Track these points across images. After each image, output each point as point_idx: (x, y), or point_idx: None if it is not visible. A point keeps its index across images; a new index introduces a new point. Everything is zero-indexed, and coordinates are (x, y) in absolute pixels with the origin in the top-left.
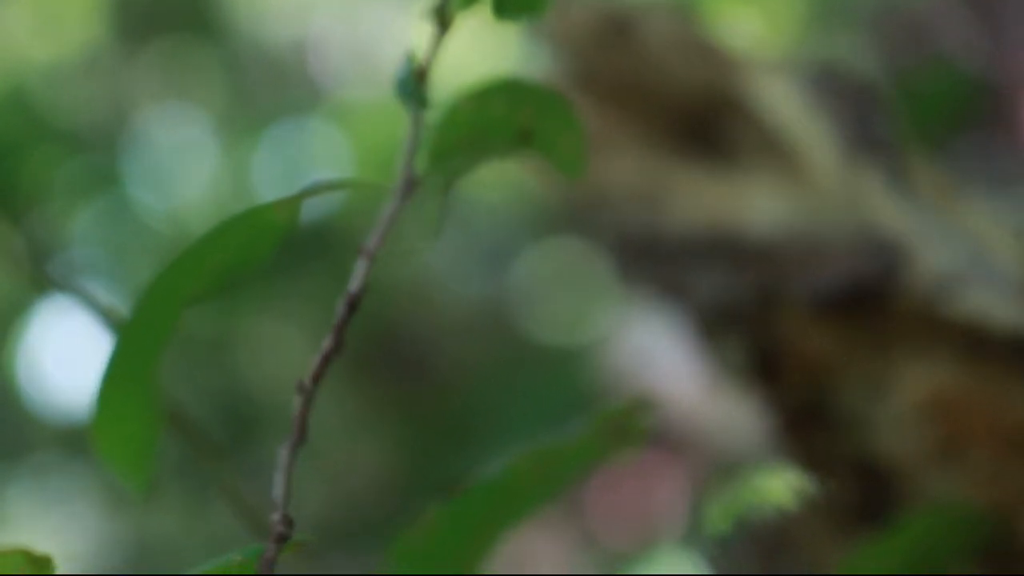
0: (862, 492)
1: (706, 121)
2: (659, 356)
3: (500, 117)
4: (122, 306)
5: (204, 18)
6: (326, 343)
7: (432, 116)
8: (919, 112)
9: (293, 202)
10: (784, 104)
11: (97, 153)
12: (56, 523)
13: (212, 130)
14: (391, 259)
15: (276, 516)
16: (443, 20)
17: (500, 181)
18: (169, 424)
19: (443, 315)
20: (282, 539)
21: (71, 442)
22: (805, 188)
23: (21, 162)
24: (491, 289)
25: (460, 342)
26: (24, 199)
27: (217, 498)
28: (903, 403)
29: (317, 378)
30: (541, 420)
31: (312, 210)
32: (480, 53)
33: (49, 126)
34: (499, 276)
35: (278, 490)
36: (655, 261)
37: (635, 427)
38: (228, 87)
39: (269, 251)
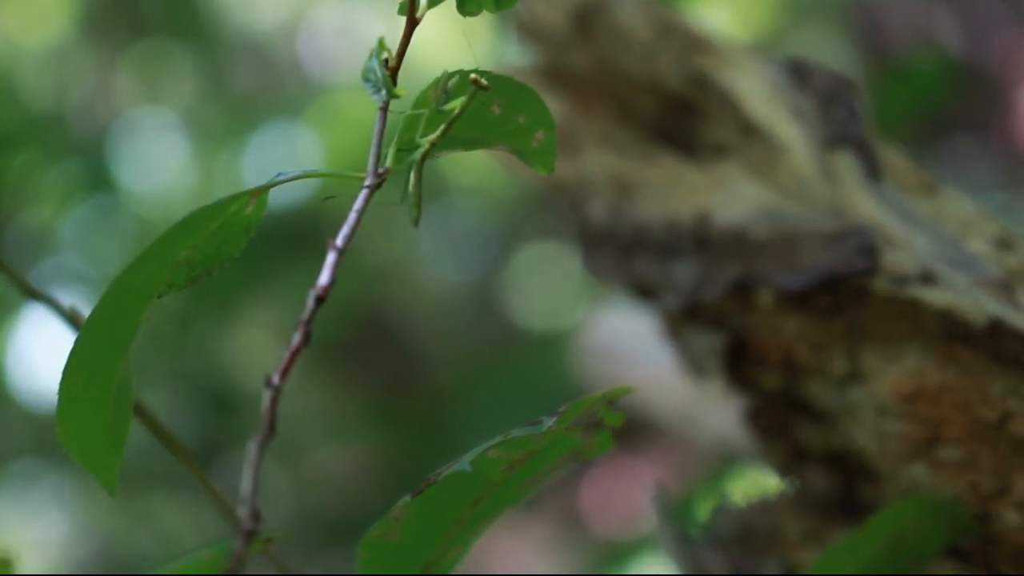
0: (837, 483)
1: (680, 110)
2: (637, 339)
3: (469, 110)
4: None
5: (190, 10)
6: (294, 338)
7: (402, 107)
8: (899, 102)
9: (260, 192)
10: (758, 95)
11: (85, 156)
12: (42, 521)
13: (200, 131)
14: (376, 245)
15: (244, 511)
16: (412, 14)
17: (484, 165)
18: (148, 420)
19: (428, 299)
20: (250, 535)
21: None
22: (779, 180)
23: (8, 163)
24: (476, 273)
25: (445, 325)
26: (11, 200)
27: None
28: (877, 394)
29: (285, 373)
30: (528, 405)
31: (299, 199)
32: (457, 46)
33: (36, 126)
34: (484, 260)
35: (246, 485)
36: (627, 252)
37: (607, 420)
38: (216, 83)
39: (240, 242)
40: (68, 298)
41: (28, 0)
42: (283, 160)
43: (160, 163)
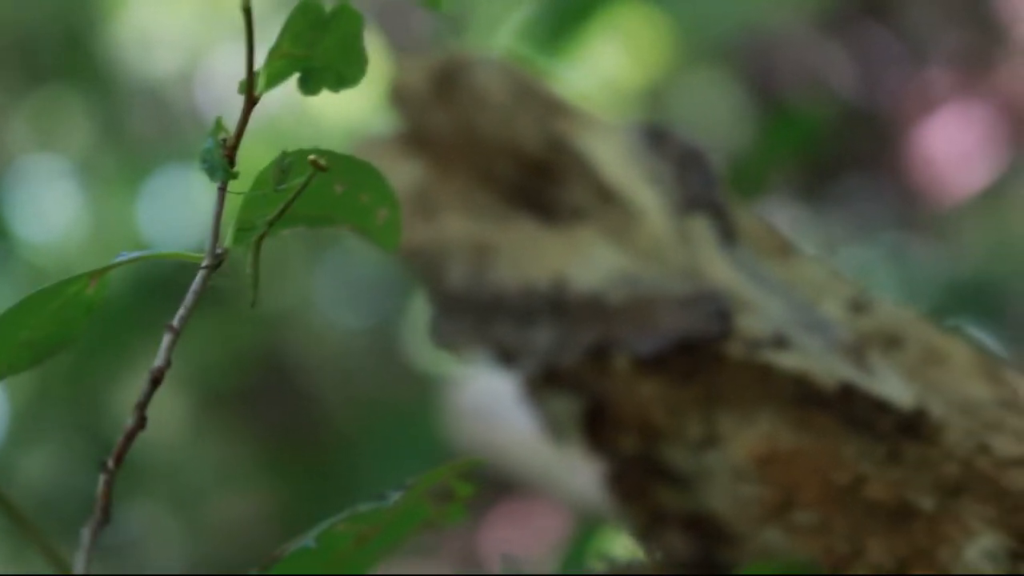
0: (697, 546)
1: (538, 174)
2: (509, 398)
3: (310, 189)
4: None
5: (86, 56)
6: (128, 421)
7: (242, 186)
8: (785, 145)
9: (100, 274)
10: (615, 160)
11: None
12: None
13: (94, 178)
14: (271, 291)
15: None
16: (251, 93)
17: None
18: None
19: (325, 345)
20: None
21: None
22: (636, 244)
23: None
24: (375, 319)
25: (343, 372)
26: None
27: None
28: (733, 458)
29: (120, 457)
30: (427, 451)
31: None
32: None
33: None
34: (383, 305)
35: (79, 569)
36: (485, 317)
37: (459, 491)
38: (112, 130)
39: (81, 322)
40: None
41: None
42: (179, 206)
43: (54, 210)
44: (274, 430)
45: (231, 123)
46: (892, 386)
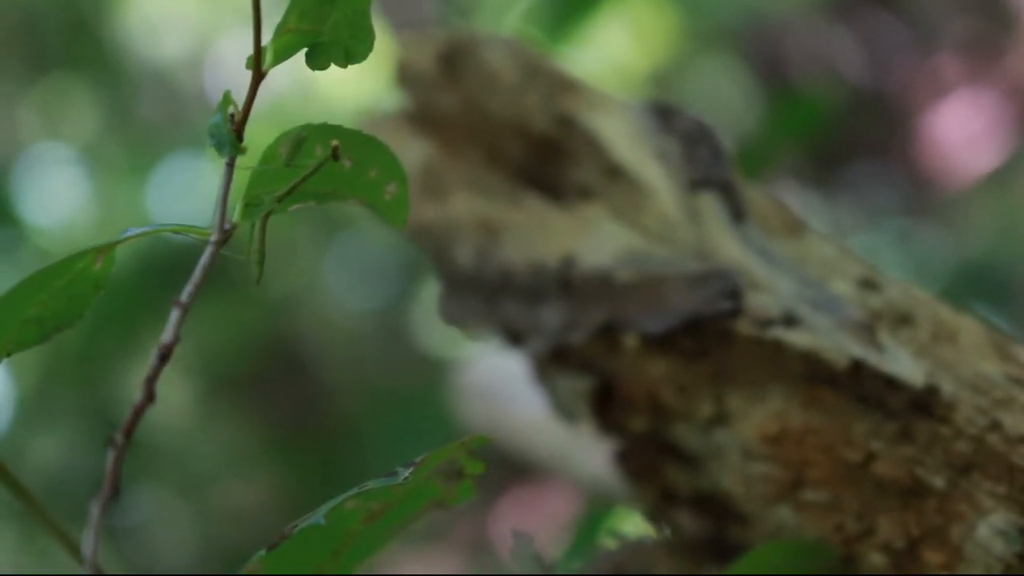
0: (707, 525)
1: (546, 152)
2: (520, 377)
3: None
4: None
5: (94, 42)
6: (137, 396)
7: (251, 161)
8: (791, 129)
9: (107, 249)
10: (623, 138)
11: None
12: None
13: (102, 165)
14: (280, 275)
15: (87, 571)
16: (258, 68)
17: None
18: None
19: (334, 329)
20: None
21: None
22: (644, 223)
23: None
24: (383, 302)
25: (352, 355)
26: None
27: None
28: (742, 436)
29: (129, 432)
30: (436, 434)
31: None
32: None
33: None
34: (391, 289)
35: (88, 545)
36: (493, 296)
37: (468, 468)
38: (120, 116)
39: (89, 298)
40: None
41: None
42: (188, 191)
43: (62, 198)
44: (283, 414)
45: (240, 104)
46: (902, 364)
